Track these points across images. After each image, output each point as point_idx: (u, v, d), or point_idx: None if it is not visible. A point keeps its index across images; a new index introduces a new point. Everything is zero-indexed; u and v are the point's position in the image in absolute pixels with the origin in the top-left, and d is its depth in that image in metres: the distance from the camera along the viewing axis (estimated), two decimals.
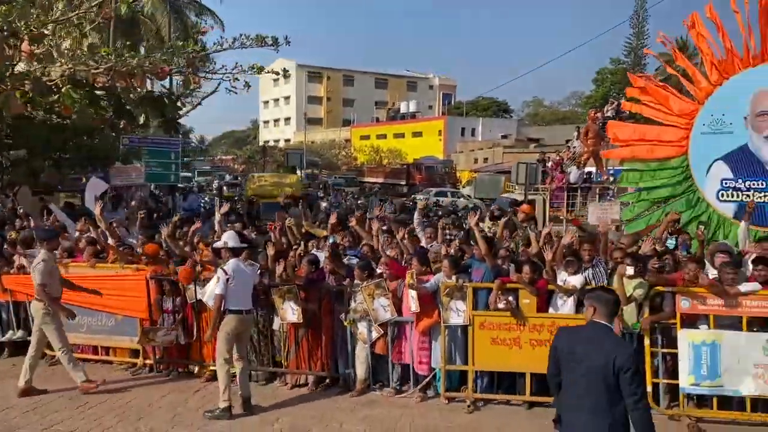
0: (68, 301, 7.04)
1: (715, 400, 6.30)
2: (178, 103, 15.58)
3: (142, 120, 10.58)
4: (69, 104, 9.69)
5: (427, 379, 6.86)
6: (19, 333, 7.99)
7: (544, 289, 6.62)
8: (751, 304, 6.22)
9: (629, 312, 6.45)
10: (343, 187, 37.10)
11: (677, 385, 6.33)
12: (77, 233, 8.98)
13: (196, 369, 7.51)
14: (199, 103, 38.17)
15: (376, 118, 72.60)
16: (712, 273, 6.67)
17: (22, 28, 8.92)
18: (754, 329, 6.28)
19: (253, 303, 6.69)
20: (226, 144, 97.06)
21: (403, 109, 68.53)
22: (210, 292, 6.34)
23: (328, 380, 7.23)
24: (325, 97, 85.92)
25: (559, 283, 6.66)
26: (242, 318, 6.29)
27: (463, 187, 38.74)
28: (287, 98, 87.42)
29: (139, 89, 10.93)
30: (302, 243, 8.09)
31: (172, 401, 6.65)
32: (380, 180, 45.18)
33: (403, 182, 42.29)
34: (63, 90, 9.42)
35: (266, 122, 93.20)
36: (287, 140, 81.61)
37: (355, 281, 6.96)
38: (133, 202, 13.06)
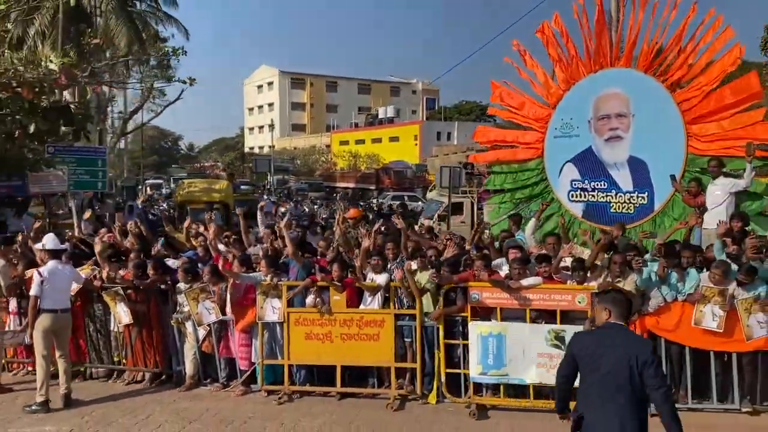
0: None
1: (502, 388, 6.70)
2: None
3: (32, 129, 10.95)
4: None
5: (247, 374, 7.25)
6: None
7: (351, 286, 7.01)
8: (533, 297, 6.62)
9: (425, 302, 6.84)
10: (307, 191, 37.50)
11: None
12: None
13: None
14: (161, 111, 38.81)
15: (354, 124, 73.01)
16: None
17: None
18: (541, 321, 6.68)
19: (88, 303, 7.08)
20: (216, 151, 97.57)
21: (381, 115, 68.94)
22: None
23: (164, 376, 7.61)
24: (309, 104, 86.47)
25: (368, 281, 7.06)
26: (56, 316, 6.66)
27: (430, 190, 39.21)
28: (271, 105, 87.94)
29: (39, 100, 11.34)
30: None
31: (4, 399, 7.01)
32: (351, 185, 45.61)
33: (373, 187, 42.77)
34: None
35: (251, 129, 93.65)
36: (271, 146, 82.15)
37: (179, 284, 7.33)
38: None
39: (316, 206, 25.46)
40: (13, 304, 7.79)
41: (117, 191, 33.45)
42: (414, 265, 6.73)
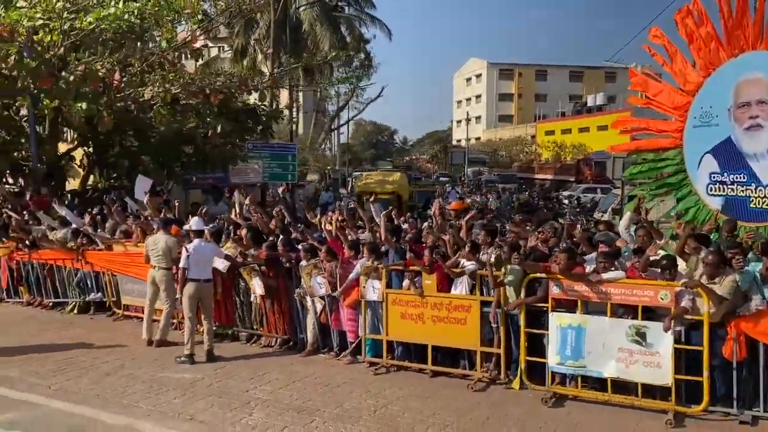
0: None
1: (579, 379, 6.71)
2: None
3: (219, 129, 12.96)
4: (158, 119, 12.37)
5: (353, 345, 8.09)
6: (98, 295, 10.68)
7: (440, 271, 7.47)
8: (614, 291, 6.51)
9: (509, 292, 7.07)
10: (497, 183, 37.60)
11: None
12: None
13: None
14: (363, 109, 41.62)
15: (561, 113, 70.61)
16: None
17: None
18: (622, 315, 6.55)
19: (234, 276, 8.52)
20: (428, 144, 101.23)
21: (590, 102, 65.82)
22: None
23: (291, 343, 8.77)
24: (516, 94, 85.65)
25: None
26: (200, 285, 8.10)
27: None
28: (478, 97, 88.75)
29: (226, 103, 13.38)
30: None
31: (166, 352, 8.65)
32: (549, 176, 44.67)
33: (572, 179, 41.43)
34: (154, 108, 12.08)
35: (459, 121, 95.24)
36: (477, 138, 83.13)
37: (302, 262, 8.40)
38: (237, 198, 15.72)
39: (500, 197, 25.67)
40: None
41: (328, 183, 36.69)
42: (492, 257, 7.00)
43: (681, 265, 6.71)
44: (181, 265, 8.12)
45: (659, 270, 6.53)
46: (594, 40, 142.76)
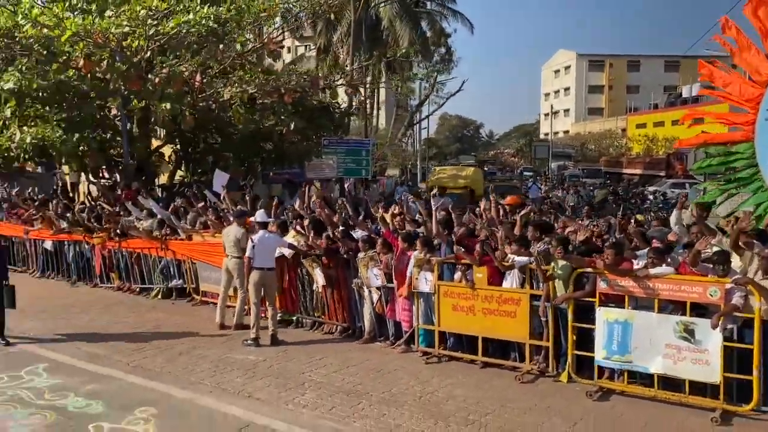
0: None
1: (626, 374, 6.69)
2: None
3: (292, 126, 13.56)
4: (237, 118, 13.09)
5: (407, 335, 8.37)
6: (179, 281, 11.49)
7: (490, 264, 7.61)
8: (662, 287, 6.45)
9: (558, 286, 7.12)
10: (581, 178, 36.66)
11: None
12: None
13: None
14: (443, 104, 41.60)
15: (654, 105, 67.62)
16: None
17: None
18: (672, 311, 6.48)
19: (297, 266, 9.04)
20: (515, 137, 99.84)
21: (685, 93, 62.72)
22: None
23: (350, 331, 9.16)
24: (607, 86, 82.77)
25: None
26: (263, 273, 8.63)
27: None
28: (567, 89, 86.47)
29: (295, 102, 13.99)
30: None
31: (237, 334, 9.26)
32: (638, 171, 43.01)
33: (662, 173, 39.79)
34: (233, 107, 12.82)
35: (546, 114, 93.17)
36: (566, 132, 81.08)
37: (359, 254, 8.76)
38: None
39: (579, 192, 25.14)
40: None
41: (406, 178, 37.10)
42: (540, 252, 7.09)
43: (735, 261, 6.55)
44: (246, 254, 8.68)
45: (711, 265, 6.41)
46: (690, 29, 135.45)
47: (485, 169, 41.08)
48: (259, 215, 8.95)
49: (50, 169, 21.04)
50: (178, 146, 16.51)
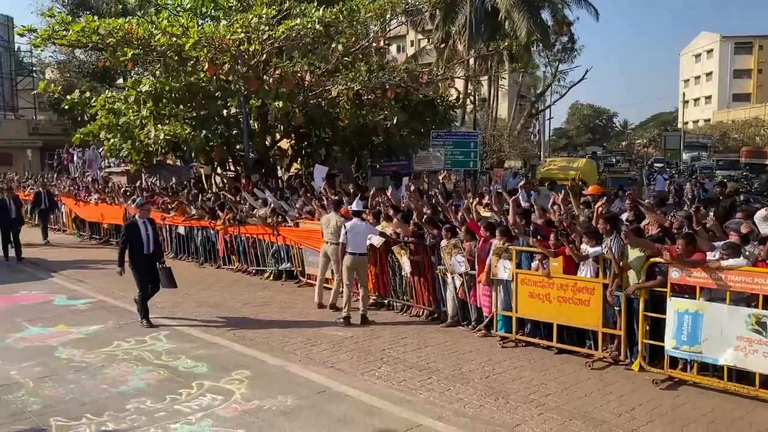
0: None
1: (695, 365, 6.67)
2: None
3: (395, 120, 14.16)
4: (343, 114, 13.96)
5: (487, 320, 8.74)
6: (288, 265, 12.54)
7: (564, 254, 7.80)
8: (734, 279, 6.38)
9: (631, 277, 7.20)
10: (714, 170, 34.35)
11: None
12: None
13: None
14: (564, 94, 40.51)
15: None
16: None
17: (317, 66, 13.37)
18: (749, 304, 6.38)
19: (388, 253, 9.70)
20: (653, 127, 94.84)
21: None
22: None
23: (437, 314, 9.67)
24: (755, 69, 76.20)
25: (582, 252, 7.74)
26: (355, 258, 9.34)
27: None
28: (709, 74, 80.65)
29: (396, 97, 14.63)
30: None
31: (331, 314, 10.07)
32: None
33: None
34: (341, 104, 13.70)
35: (686, 102, 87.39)
36: (707, 120, 75.73)
37: (443, 241, 9.22)
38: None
39: (702, 186, 23.72)
40: None
41: (526, 170, 36.68)
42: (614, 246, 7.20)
43: None
44: (340, 240, 9.43)
45: None
46: None
47: (613, 160, 39.67)
48: (355, 204, 9.67)
49: (188, 162, 23.21)
50: (293, 141, 17.75)
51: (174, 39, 12.47)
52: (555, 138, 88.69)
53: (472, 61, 29.93)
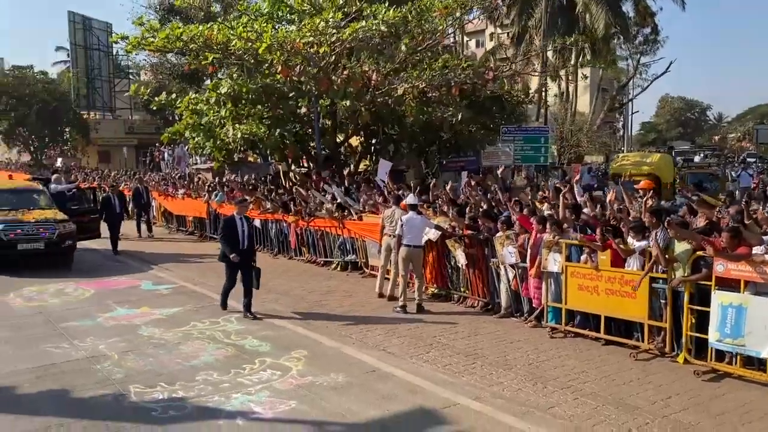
0: None
1: (739, 358, 6.70)
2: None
3: (460, 117, 14.47)
4: (409, 111, 14.42)
5: (537, 311, 8.97)
6: (353, 256, 13.14)
7: (611, 248, 7.94)
8: None
9: (678, 271, 7.28)
10: None
11: None
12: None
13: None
14: (646, 87, 39.19)
15: None
16: None
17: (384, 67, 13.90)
18: None
19: (444, 246, 10.13)
20: (751, 120, 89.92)
21: None
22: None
23: (491, 306, 9.97)
24: None
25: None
26: (410, 249, 9.79)
27: None
28: None
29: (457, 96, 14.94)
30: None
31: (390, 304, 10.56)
32: None
33: None
34: (406, 101, 14.18)
35: None
36: None
37: (498, 233, 9.51)
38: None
39: None
40: None
41: (605, 164, 35.83)
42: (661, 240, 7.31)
43: None
44: (396, 232, 9.91)
45: None
46: None
47: (697, 156, 38.11)
48: (410, 198, 10.12)
49: (267, 159, 24.37)
50: (363, 138, 18.38)
51: (249, 44, 13.31)
52: (643, 132, 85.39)
53: (550, 55, 29.66)
